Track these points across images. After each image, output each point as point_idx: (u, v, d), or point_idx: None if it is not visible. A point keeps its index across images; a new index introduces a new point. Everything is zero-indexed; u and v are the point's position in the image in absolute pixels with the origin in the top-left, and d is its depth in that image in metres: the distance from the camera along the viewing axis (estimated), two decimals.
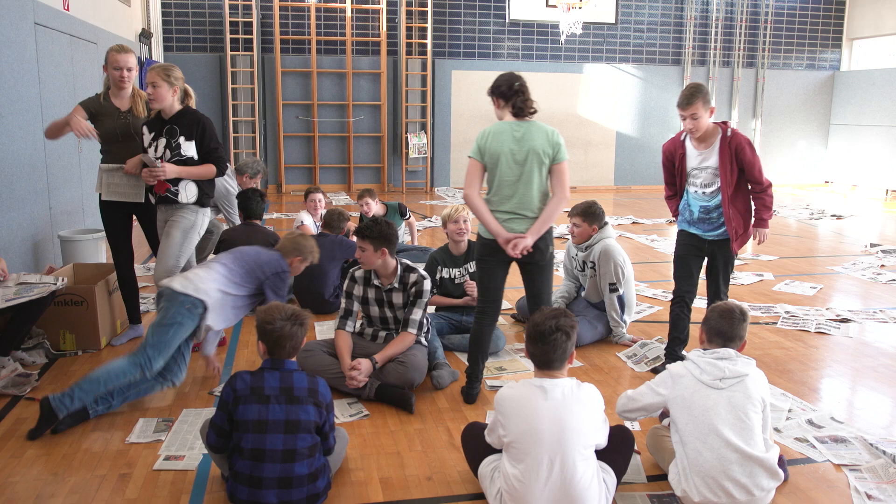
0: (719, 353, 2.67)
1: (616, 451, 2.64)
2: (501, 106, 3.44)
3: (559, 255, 7.13)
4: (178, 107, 3.94)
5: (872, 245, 7.86)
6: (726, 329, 2.71)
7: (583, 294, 4.71)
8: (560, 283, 4.91)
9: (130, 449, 3.10)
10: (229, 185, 5.64)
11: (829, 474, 2.94)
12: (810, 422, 3.39)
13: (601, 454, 2.57)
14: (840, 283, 6.25)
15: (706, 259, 3.97)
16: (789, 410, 3.51)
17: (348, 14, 11.68)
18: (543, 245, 3.46)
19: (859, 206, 11.23)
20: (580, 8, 10.95)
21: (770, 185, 3.83)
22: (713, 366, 2.63)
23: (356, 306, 3.84)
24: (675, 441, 2.66)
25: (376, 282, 3.79)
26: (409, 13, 11.92)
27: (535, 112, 3.42)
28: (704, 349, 2.74)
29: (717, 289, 3.94)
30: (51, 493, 2.75)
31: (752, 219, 3.89)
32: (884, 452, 3.05)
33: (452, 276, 4.59)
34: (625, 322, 4.52)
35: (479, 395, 3.67)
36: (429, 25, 11.91)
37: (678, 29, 13.02)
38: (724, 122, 3.82)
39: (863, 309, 5.39)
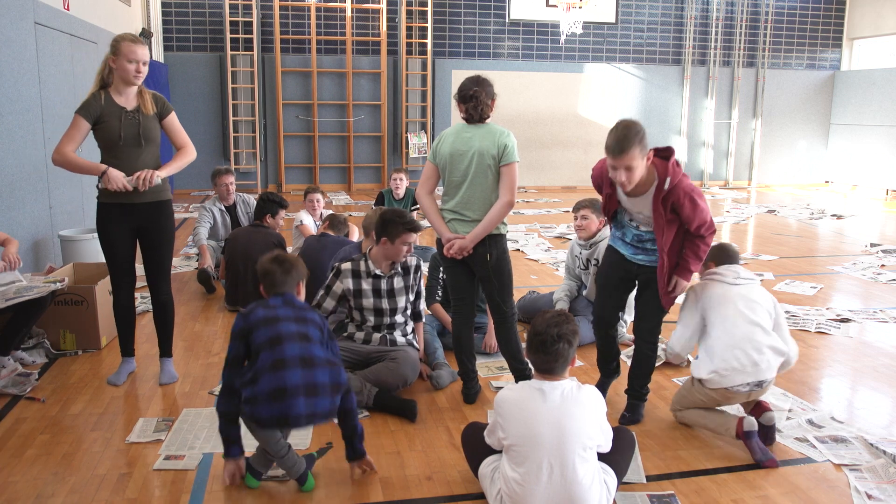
0: (733, 268, 3.29)
1: (617, 451, 2.64)
2: (462, 110, 3.47)
3: (561, 254, 7.17)
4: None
5: (873, 245, 7.86)
6: (734, 256, 3.36)
7: (584, 293, 4.71)
8: (559, 283, 4.91)
9: (130, 449, 3.10)
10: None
11: (829, 474, 2.94)
12: (810, 422, 3.39)
13: (602, 455, 2.57)
14: (840, 283, 6.25)
15: (636, 287, 3.38)
16: (789, 410, 3.51)
17: (348, 14, 11.68)
18: (483, 250, 3.38)
19: (859, 206, 11.23)
20: (580, 7, 10.96)
21: (712, 233, 3.11)
22: (730, 269, 3.27)
23: (330, 304, 3.76)
24: (705, 334, 3.21)
25: (377, 271, 3.72)
26: (409, 13, 11.92)
27: (485, 118, 3.41)
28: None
29: (641, 325, 3.34)
30: (51, 493, 2.75)
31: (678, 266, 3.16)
32: (884, 452, 3.05)
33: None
34: (625, 322, 4.53)
35: (479, 395, 3.67)
36: (429, 25, 11.90)
37: (678, 29, 13.01)
38: (666, 158, 2.99)
39: (863, 309, 5.39)
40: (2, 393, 3.61)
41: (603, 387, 3.59)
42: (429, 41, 11.96)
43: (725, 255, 3.40)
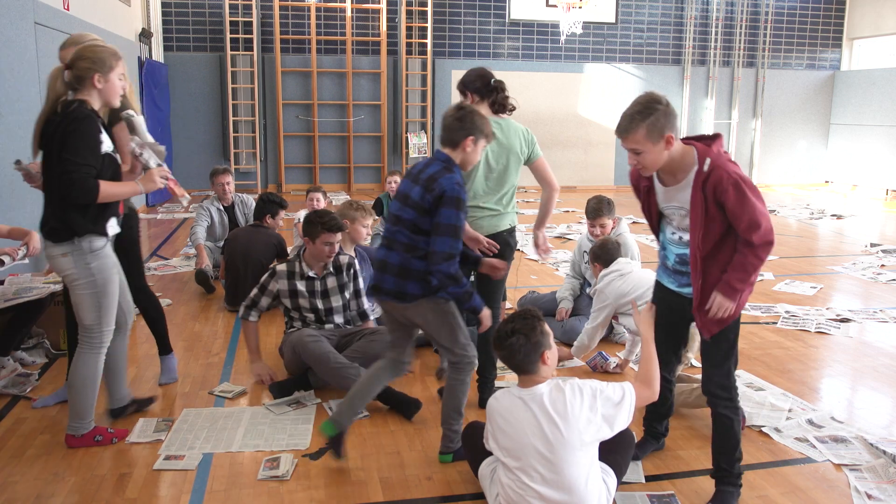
0: (621, 261, 3.96)
1: (617, 451, 2.62)
2: (476, 102, 3.41)
3: (561, 254, 7.17)
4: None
5: (872, 245, 7.86)
6: (615, 251, 4.00)
7: (588, 291, 4.71)
8: (559, 283, 4.91)
9: (130, 449, 3.10)
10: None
11: (829, 474, 2.94)
12: (810, 422, 3.39)
13: (602, 455, 2.55)
14: (840, 283, 6.25)
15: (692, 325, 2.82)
16: (789, 410, 3.51)
17: (348, 14, 11.68)
18: (514, 242, 3.45)
19: (859, 206, 11.23)
20: (580, 7, 10.96)
21: (767, 244, 2.43)
22: (618, 263, 3.94)
23: (266, 302, 3.84)
24: (626, 316, 3.75)
25: (311, 272, 3.80)
26: (409, 13, 11.92)
27: (514, 109, 3.43)
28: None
29: (709, 375, 2.67)
30: (51, 493, 2.75)
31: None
32: (884, 452, 3.05)
33: None
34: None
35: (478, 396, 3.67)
36: (429, 25, 11.91)
37: (678, 29, 13.01)
38: (707, 142, 2.51)
39: (863, 309, 5.39)
40: (2, 393, 3.61)
41: (642, 447, 3.04)
42: (429, 41, 11.96)
43: (608, 254, 3.93)
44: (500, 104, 3.39)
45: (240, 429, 3.28)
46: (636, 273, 3.91)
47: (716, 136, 2.54)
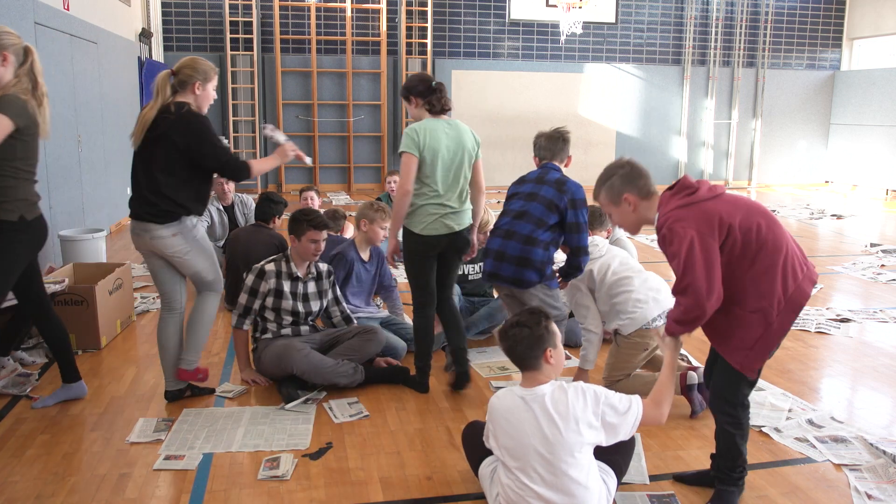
0: (594, 240, 3.66)
1: (617, 451, 2.61)
2: (419, 105, 3.56)
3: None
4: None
5: (872, 245, 7.86)
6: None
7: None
8: None
9: (130, 449, 3.10)
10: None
11: (829, 474, 2.94)
12: (810, 422, 3.39)
13: (602, 455, 2.55)
14: (840, 283, 6.25)
15: None
16: (789, 410, 3.51)
17: (348, 14, 11.68)
18: (470, 237, 3.68)
19: (859, 206, 11.23)
20: (580, 7, 10.96)
21: (682, 296, 2.38)
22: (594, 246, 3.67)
23: (258, 305, 3.75)
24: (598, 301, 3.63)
25: (298, 272, 3.79)
26: (409, 13, 11.92)
27: (450, 109, 3.58)
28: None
29: (714, 385, 2.62)
30: (51, 493, 2.75)
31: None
32: (884, 452, 3.05)
33: (466, 273, 4.67)
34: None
35: (470, 383, 3.75)
36: (429, 25, 11.91)
37: (678, 29, 13.01)
38: (677, 189, 2.45)
39: (863, 309, 5.39)
40: (2, 393, 3.61)
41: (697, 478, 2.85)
42: (429, 41, 11.96)
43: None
44: (434, 104, 3.53)
45: (240, 429, 3.28)
46: (610, 255, 3.61)
47: (677, 183, 2.49)
